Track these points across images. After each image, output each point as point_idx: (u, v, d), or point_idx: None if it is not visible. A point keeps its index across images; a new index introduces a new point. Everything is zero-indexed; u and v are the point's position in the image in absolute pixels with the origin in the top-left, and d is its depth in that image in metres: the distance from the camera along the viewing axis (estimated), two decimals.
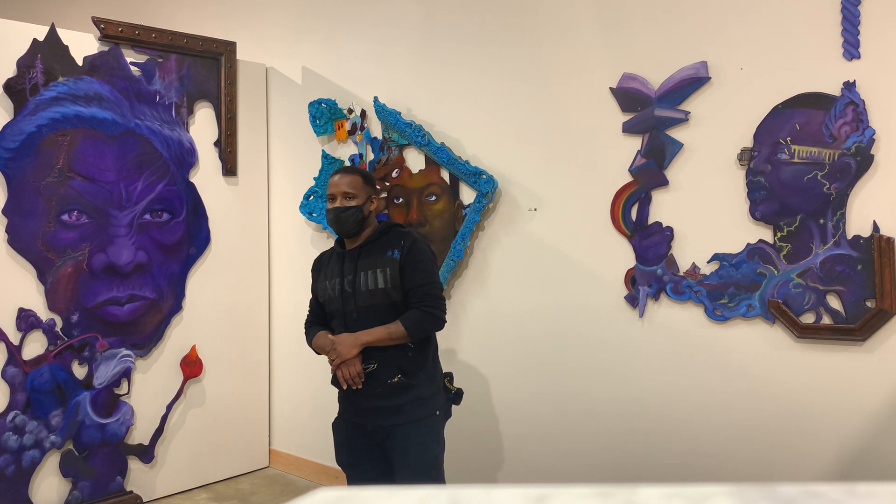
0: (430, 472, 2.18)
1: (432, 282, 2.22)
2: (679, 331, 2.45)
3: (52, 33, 3.07)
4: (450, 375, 2.36)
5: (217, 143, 3.65)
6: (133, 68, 3.33)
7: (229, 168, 3.68)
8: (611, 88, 2.59)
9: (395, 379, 2.16)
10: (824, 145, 2.15)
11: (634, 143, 2.54)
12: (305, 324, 2.43)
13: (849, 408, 2.12)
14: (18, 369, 2.95)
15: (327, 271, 2.32)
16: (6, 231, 2.94)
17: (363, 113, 3.43)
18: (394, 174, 3.27)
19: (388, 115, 3.22)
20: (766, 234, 2.27)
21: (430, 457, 2.19)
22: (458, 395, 2.35)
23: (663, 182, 2.48)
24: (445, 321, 2.23)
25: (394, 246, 2.21)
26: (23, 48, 2.98)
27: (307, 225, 3.70)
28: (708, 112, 2.38)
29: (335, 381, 2.25)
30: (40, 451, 2.99)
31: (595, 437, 2.65)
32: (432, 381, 2.24)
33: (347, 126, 3.49)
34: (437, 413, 2.24)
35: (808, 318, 2.19)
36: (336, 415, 2.35)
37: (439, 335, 2.45)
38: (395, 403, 2.17)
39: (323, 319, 2.37)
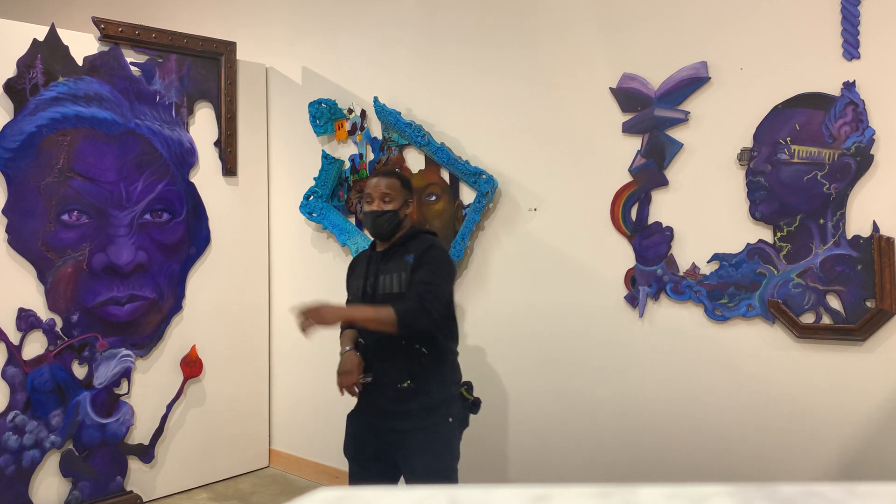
0: (440, 481, 2.08)
1: (438, 283, 2.13)
2: (679, 331, 2.45)
3: (52, 33, 3.07)
4: (469, 385, 2.29)
5: (217, 143, 3.65)
6: (133, 68, 3.33)
7: (229, 168, 3.68)
8: (611, 88, 2.59)
9: (405, 384, 2.12)
10: (824, 145, 2.15)
11: (634, 143, 2.54)
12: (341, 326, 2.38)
13: (849, 408, 2.12)
14: (18, 369, 2.95)
15: (357, 272, 2.32)
16: (6, 231, 2.94)
17: (363, 113, 3.43)
18: None
19: (388, 115, 3.22)
20: (766, 234, 2.27)
21: (440, 465, 2.13)
22: (475, 405, 2.29)
23: (663, 182, 2.48)
24: (436, 321, 2.09)
25: (412, 250, 2.18)
26: (23, 48, 2.98)
27: (307, 225, 3.70)
28: (708, 112, 2.38)
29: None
30: (40, 451, 2.99)
31: (595, 436, 2.65)
32: (445, 387, 2.18)
33: (347, 126, 3.49)
34: (450, 420, 2.18)
35: (807, 318, 2.19)
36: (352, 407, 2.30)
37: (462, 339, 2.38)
38: (404, 408, 2.13)
39: None
